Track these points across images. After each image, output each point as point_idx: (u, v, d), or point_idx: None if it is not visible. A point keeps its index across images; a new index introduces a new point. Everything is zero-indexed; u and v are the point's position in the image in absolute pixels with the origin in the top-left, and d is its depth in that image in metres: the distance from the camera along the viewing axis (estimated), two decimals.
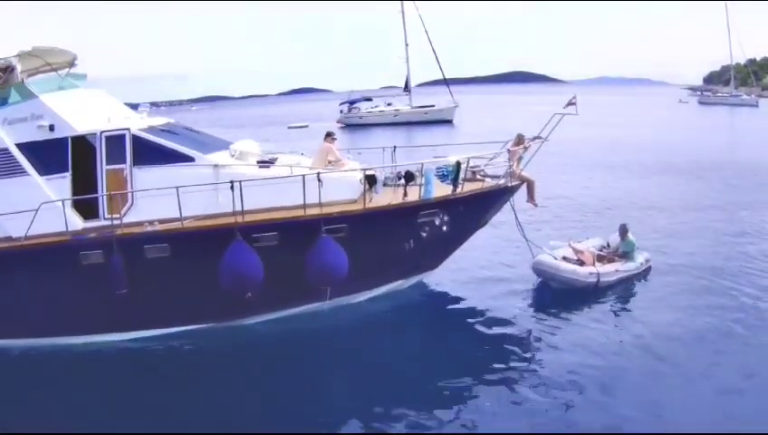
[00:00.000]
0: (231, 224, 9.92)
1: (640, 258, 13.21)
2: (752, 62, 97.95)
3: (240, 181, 9.84)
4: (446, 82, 62.66)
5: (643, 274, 13.16)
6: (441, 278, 13.11)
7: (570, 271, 12.28)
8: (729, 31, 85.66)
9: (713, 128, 51.35)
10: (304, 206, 10.10)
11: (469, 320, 11.56)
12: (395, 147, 12.93)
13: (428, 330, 11.46)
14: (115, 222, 10.24)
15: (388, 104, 65.84)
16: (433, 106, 63.42)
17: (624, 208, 19.67)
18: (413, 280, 12.49)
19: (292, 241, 10.06)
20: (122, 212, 10.42)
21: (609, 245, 13.67)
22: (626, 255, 13.09)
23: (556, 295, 12.33)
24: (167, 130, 11.54)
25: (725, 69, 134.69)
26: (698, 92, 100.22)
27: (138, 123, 11.29)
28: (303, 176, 10.07)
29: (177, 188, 9.83)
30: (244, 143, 12.58)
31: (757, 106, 75.54)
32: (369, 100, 67.88)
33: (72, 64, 13.03)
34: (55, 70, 12.92)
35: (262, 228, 10.11)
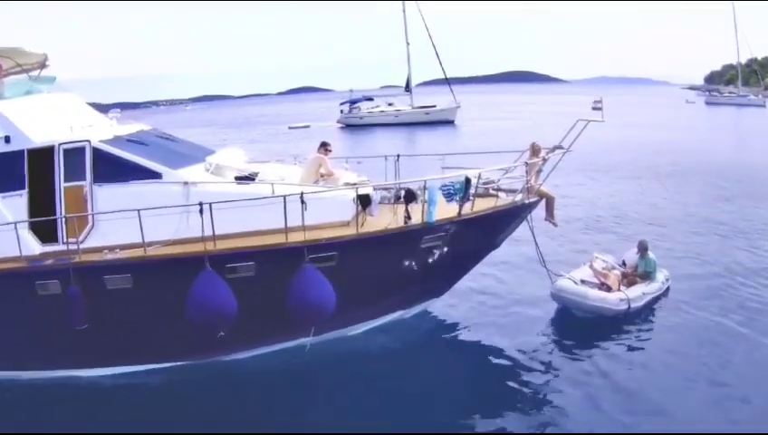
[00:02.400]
0: (200, 252, 8.57)
1: (661, 277, 11.95)
2: (753, 61, 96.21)
3: (210, 203, 8.45)
4: (447, 81, 61.30)
5: (664, 294, 11.89)
6: (447, 305, 11.68)
7: (599, 299, 10.85)
8: (736, 30, 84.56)
9: (727, 129, 49.72)
10: (286, 230, 8.72)
11: (479, 353, 10.26)
12: (398, 156, 11.54)
13: (432, 365, 10.09)
14: (74, 247, 9.00)
15: (390, 104, 64.82)
16: (434, 106, 62.36)
17: (638, 219, 18.30)
18: (416, 309, 11.07)
19: (272, 271, 8.72)
20: (81, 236, 9.18)
21: (624, 263, 12.31)
22: (647, 275, 11.78)
23: (578, 323, 10.97)
24: (134, 141, 10.17)
25: (726, 68, 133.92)
26: (706, 92, 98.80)
27: (101, 133, 9.92)
28: (284, 197, 8.65)
29: (138, 211, 8.53)
30: (226, 153, 11.32)
31: (765, 106, 74.16)
32: (370, 99, 66.87)
33: (43, 65, 11.93)
34: (26, 71, 11.78)
35: (236, 257, 8.76)
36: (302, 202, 8.57)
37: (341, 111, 65.72)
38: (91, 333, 8.89)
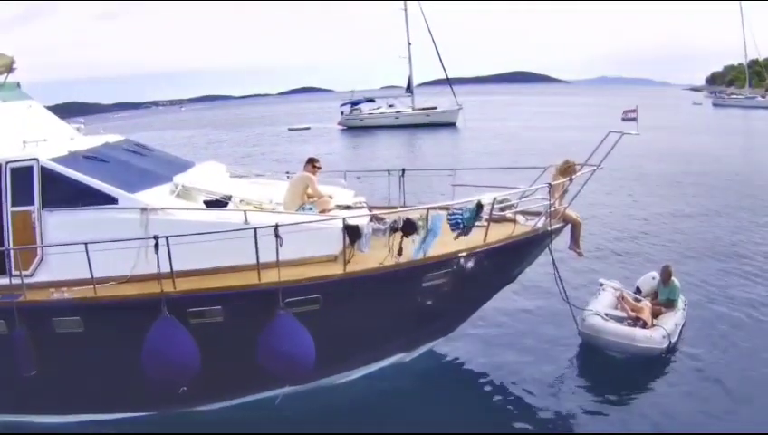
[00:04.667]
0: (156, 294, 7.20)
1: (680, 304, 10.60)
2: (754, 62, 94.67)
3: (167, 237, 7.03)
4: (449, 82, 60.23)
5: (687, 321, 10.57)
6: (453, 346, 10.12)
7: (647, 339, 9.40)
8: (744, 31, 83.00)
9: (744, 134, 47.89)
10: (258, 268, 7.28)
11: (494, 402, 8.83)
12: (403, 170, 10.14)
13: (434, 415, 8.53)
14: (19, 282, 7.72)
15: (390, 106, 63.91)
16: (435, 108, 61.25)
17: (646, 235, 16.76)
18: (419, 351, 9.55)
19: (243, 318, 7.35)
20: (30, 269, 7.94)
21: (639, 290, 10.97)
22: (671, 303, 10.42)
23: (606, 362, 9.58)
24: (92, 157, 8.80)
25: (728, 69, 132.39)
26: (713, 94, 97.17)
27: (54, 149, 8.56)
28: (255, 229, 7.19)
29: (85, 243, 7.14)
30: (203, 168, 9.94)
31: None
32: (371, 101, 65.99)
33: (9, 69, 10.57)
34: None
35: (198, 300, 7.36)
36: (277, 236, 7.09)
37: (342, 113, 64.79)
38: (41, 380, 7.70)
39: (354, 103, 64.73)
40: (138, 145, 10.32)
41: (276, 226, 7.11)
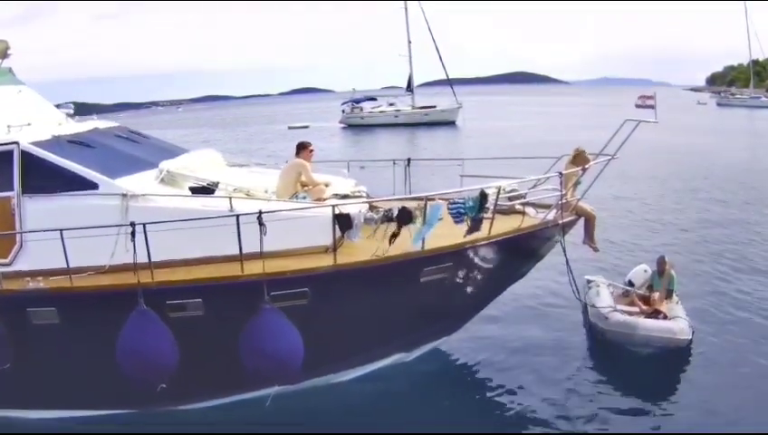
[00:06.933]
0: (132, 285, 6.73)
1: (674, 295, 10.27)
2: (755, 62, 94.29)
3: (144, 224, 6.56)
4: (449, 82, 60.49)
5: None
6: (461, 343, 9.60)
7: (681, 331, 8.99)
8: (748, 30, 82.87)
9: (753, 134, 47.39)
10: (241, 259, 6.80)
11: (504, 402, 8.29)
12: (408, 160, 9.71)
13: (439, 416, 8.04)
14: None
15: (391, 104, 64.18)
16: (434, 107, 61.48)
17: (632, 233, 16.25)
18: (421, 350, 8.99)
19: (225, 312, 6.91)
20: (9, 258, 7.60)
21: (631, 283, 10.58)
22: (669, 293, 10.06)
23: (622, 357, 9.17)
24: (77, 142, 8.37)
25: (728, 69, 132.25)
26: (717, 94, 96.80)
27: (36, 133, 8.14)
28: (238, 216, 6.70)
29: (60, 231, 6.69)
30: (198, 155, 9.52)
31: None
32: (373, 99, 66.46)
33: (4, 55, 10.33)
34: None
35: (177, 292, 6.92)
36: (261, 224, 6.59)
37: (343, 111, 65.01)
38: (17, 373, 7.34)
39: (356, 101, 64.99)
40: (131, 132, 9.90)
41: (260, 213, 6.61)
